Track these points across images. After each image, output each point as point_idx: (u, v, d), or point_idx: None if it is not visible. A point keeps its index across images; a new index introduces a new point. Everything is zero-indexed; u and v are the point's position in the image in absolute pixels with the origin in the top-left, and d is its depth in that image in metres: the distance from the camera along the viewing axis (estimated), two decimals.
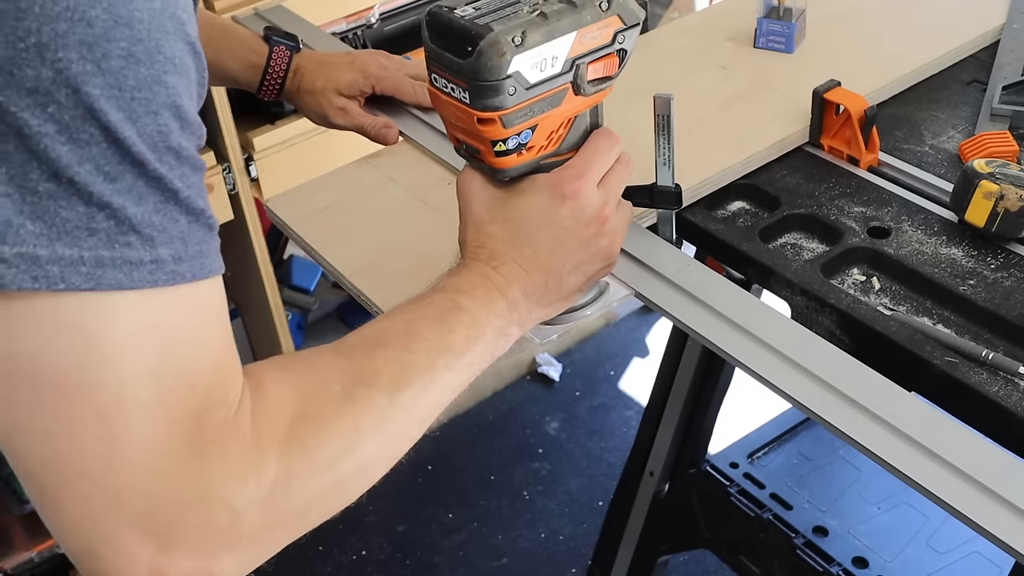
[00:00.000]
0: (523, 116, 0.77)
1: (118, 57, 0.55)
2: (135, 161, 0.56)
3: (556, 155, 0.83)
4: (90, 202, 0.55)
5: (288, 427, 0.63)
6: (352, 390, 0.68)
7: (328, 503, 0.66)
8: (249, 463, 0.61)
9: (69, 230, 0.55)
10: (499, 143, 0.78)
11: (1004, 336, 0.90)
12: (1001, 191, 0.95)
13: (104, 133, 0.55)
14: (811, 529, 1.66)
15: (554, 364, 2.75)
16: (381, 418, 0.69)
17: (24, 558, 2.10)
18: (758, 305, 0.90)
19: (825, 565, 1.61)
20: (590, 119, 0.85)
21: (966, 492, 0.74)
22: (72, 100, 0.54)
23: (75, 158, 0.55)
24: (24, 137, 0.54)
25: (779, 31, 1.28)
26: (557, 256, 0.82)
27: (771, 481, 1.75)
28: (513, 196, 0.82)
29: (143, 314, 0.57)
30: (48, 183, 0.54)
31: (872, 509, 1.73)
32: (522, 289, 0.80)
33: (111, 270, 0.56)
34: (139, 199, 0.56)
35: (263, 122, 2.05)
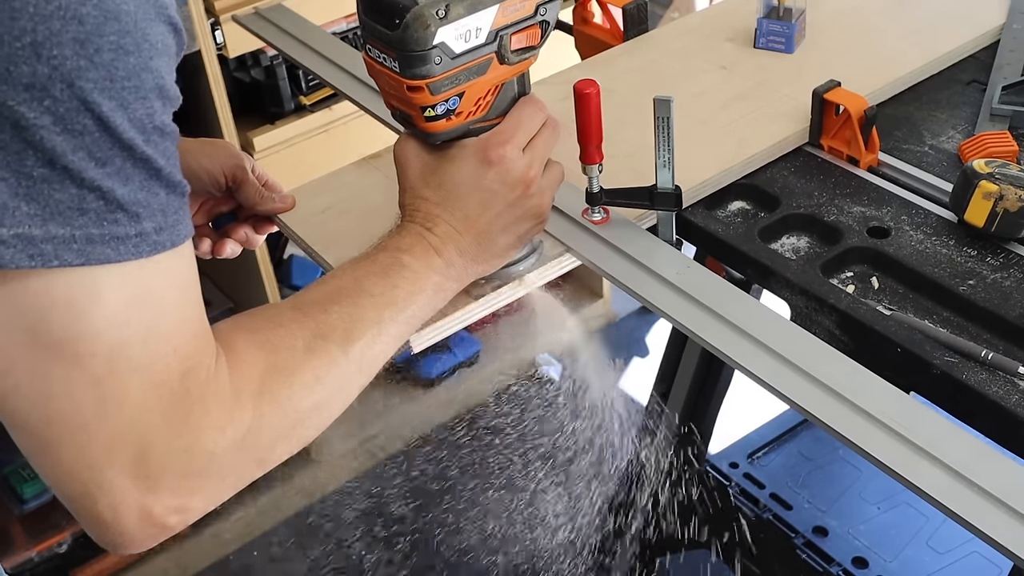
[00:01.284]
0: (450, 84, 0.83)
1: (109, 50, 0.59)
2: (124, 145, 0.61)
3: (485, 120, 0.87)
4: (82, 185, 0.60)
5: (260, 381, 0.71)
6: (311, 343, 0.75)
7: (288, 447, 0.75)
8: (228, 415, 0.69)
9: (61, 211, 0.60)
10: (428, 109, 0.83)
11: (1003, 336, 0.90)
12: (1001, 191, 0.95)
13: (97, 123, 0.59)
14: (811, 529, 1.67)
15: (554, 364, 2.75)
16: (337, 368, 0.76)
17: (24, 558, 2.10)
18: (758, 307, 0.90)
19: (825, 565, 1.61)
20: (517, 87, 0.89)
21: (964, 495, 0.73)
22: (67, 94, 0.58)
23: (69, 147, 0.59)
24: (21, 128, 0.58)
25: (779, 31, 1.28)
26: (486, 217, 0.87)
27: (771, 481, 1.75)
28: (444, 162, 0.87)
29: (129, 286, 0.63)
30: (43, 169, 0.59)
31: (872, 509, 1.73)
32: (456, 248, 0.86)
33: (100, 246, 0.61)
34: (126, 179, 0.62)
35: (263, 122, 2.06)
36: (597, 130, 0.95)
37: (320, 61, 1.36)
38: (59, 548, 2.14)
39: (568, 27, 1.45)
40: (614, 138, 1.00)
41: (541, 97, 1.27)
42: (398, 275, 0.82)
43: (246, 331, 0.73)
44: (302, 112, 2.08)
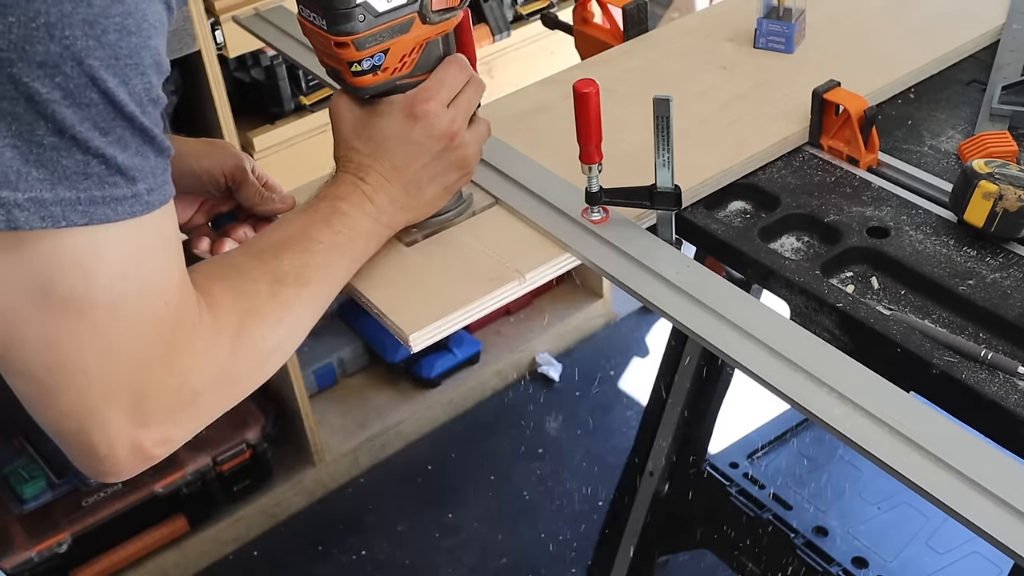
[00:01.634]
0: (374, 41, 0.88)
1: (114, 31, 0.65)
2: (126, 117, 0.67)
3: (411, 77, 0.93)
4: (87, 152, 0.66)
5: (236, 324, 0.79)
6: (273, 288, 0.83)
7: (258, 379, 0.83)
8: (211, 356, 0.77)
9: (68, 176, 0.66)
10: (355, 64, 0.89)
11: (1003, 336, 0.90)
12: (1000, 191, 0.95)
13: (102, 96, 0.66)
14: (811, 529, 1.66)
15: (554, 364, 2.75)
16: (294, 309, 0.85)
17: (24, 558, 2.10)
18: (757, 306, 0.90)
19: (825, 565, 1.61)
20: (442, 47, 0.95)
21: (964, 494, 0.74)
22: (77, 71, 0.64)
23: (77, 118, 0.65)
24: (34, 102, 0.64)
25: (779, 31, 1.28)
26: (413, 168, 0.94)
27: (771, 481, 1.75)
28: (374, 116, 0.94)
29: (127, 244, 0.70)
30: (52, 138, 0.65)
31: (872, 509, 1.73)
32: (387, 196, 0.93)
33: (101, 207, 0.67)
34: (125, 147, 0.68)
35: (263, 122, 2.06)
36: (596, 130, 0.95)
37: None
38: (59, 548, 2.14)
39: (568, 27, 1.45)
40: (614, 138, 1.00)
41: (541, 98, 1.28)
42: (339, 222, 0.90)
43: (218, 279, 0.81)
44: (302, 112, 2.08)
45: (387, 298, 0.96)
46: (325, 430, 2.50)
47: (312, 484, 2.47)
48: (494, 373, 2.71)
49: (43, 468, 2.19)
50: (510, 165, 1.10)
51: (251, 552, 2.39)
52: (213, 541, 2.36)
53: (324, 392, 2.62)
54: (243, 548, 2.39)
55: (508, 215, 1.05)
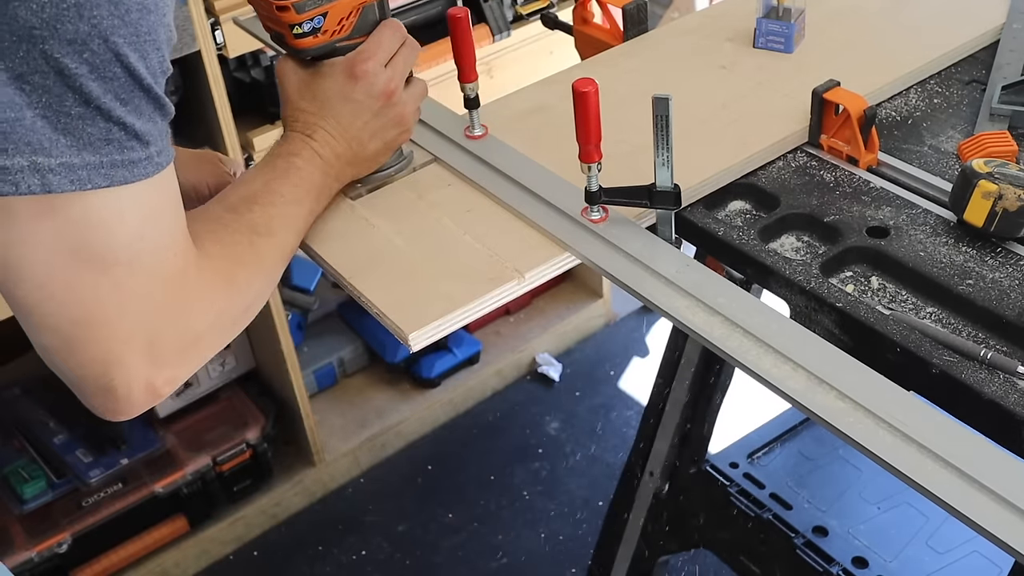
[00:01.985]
0: (313, 4, 0.95)
1: (136, 10, 0.72)
2: (143, 88, 0.74)
3: (349, 39, 1.00)
4: (109, 120, 0.73)
5: (227, 272, 0.88)
6: (251, 239, 0.91)
7: (244, 322, 0.92)
8: (211, 301, 0.86)
9: (92, 142, 0.73)
10: (296, 27, 0.96)
11: (1003, 335, 0.90)
12: (1000, 191, 0.95)
13: (124, 71, 0.73)
14: (811, 529, 1.66)
15: (554, 364, 2.76)
16: (268, 257, 0.93)
17: (24, 558, 2.10)
18: (757, 305, 0.90)
19: (825, 565, 1.61)
20: (378, 12, 1.02)
21: (965, 491, 0.74)
22: (103, 48, 0.71)
23: (102, 91, 0.72)
24: (63, 76, 0.70)
25: (778, 31, 1.28)
26: (356, 125, 1.01)
27: (771, 481, 1.75)
28: (317, 78, 1.01)
29: (143, 203, 0.77)
30: (79, 108, 0.72)
31: (872, 509, 1.73)
32: (332, 152, 1.01)
33: (121, 170, 0.74)
34: (140, 114, 0.75)
35: (263, 122, 2.06)
36: (596, 129, 0.95)
37: None
38: (59, 548, 2.14)
39: (568, 27, 1.45)
40: (613, 137, 1.00)
41: (541, 98, 1.28)
42: (296, 175, 0.97)
43: (207, 232, 0.88)
44: None
45: (387, 297, 0.96)
46: (325, 430, 2.50)
47: (312, 484, 2.47)
48: (494, 373, 2.71)
49: (43, 468, 2.19)
50: (510, 165, 1.10)
51: (251, 552, 2.39)
52: (213, 541, 2.36)
53: (324, 392, 2.62)
54: (243, 548, 2.39)
55: (508, 214, 1.05)
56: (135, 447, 2.25)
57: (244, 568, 2.36)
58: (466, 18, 1.09)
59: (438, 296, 0.95)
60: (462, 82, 1.13)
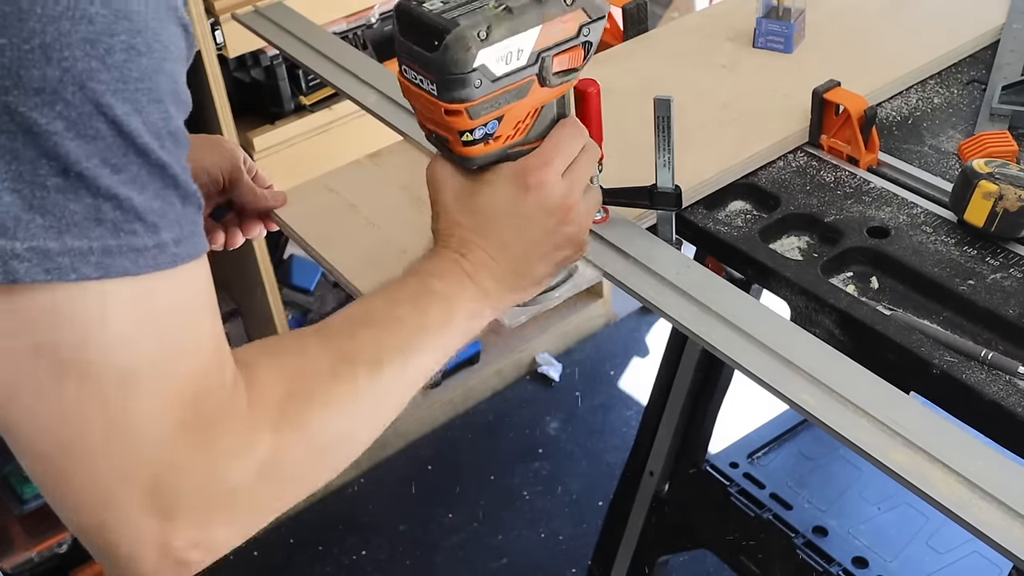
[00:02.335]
0: (489, 107, 0.79)
1: (120, 51, 0.56)
2: (140, 151, 0.58)
3: (524, 144, 0.84)
4: (97, 194, 0.57)
5: (279, 406, 0.67)
6: (337, 367, 0.71)
7: (315, 477, 0.71)
8: (245, 442, 0.65)
9: (77, 222, 0.57)
10: (466, 133, 0.80)
11: (1003, 336, 0.90)
12: (1000, 191, 0.95)
13: (111, 126, 0.57)
14: (811, 529, 1.66)
15: (554, 364, 2.75)
16: (363, 395, 0.72)
17: (24, 558, 2.10)
18: (758, 307, 0.90)
19: (825, 565, 1.61)
20: (557, 109, 0.86)
21: (965, 496, 0.74)
22: (79, 97, 0.56)
23: (83, 153, 0.56)
24: (33, 135, 0.55)
25: (778, 31, 1.28)
26: (523, 244, 0.84)
27: (771, 481, 1.75)
28: (480, 186, 0.84)
29: (144, 301, 0.60)
30: (57, 178, 0.56)
31: (872, 509, 1.73)
32: (491, 275, 0.83)
33: (118, 258, 0.58)
34: (142, 187, 0.59)
35: (263, 122, 2.06)
36: (597, 129, 0.95)
37: (320, 60, 1.36)
38: (59, 548, 2.14)
39: None
40: (614, 137, 1.00)
41: None
42: (428, 301, 0.79)
43: (268, 355, 0.70)
44: (302, 112, 2.08)
45: None
46: None
47: None
48: (494, 373, 2.71)
49: None
50: None
51: (251, 552, 2.39)
52: None
53: None
54: (243, 548, 2.38)
55: None
56: None
57: (244, 568, 2.36)
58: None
59: None
60: None
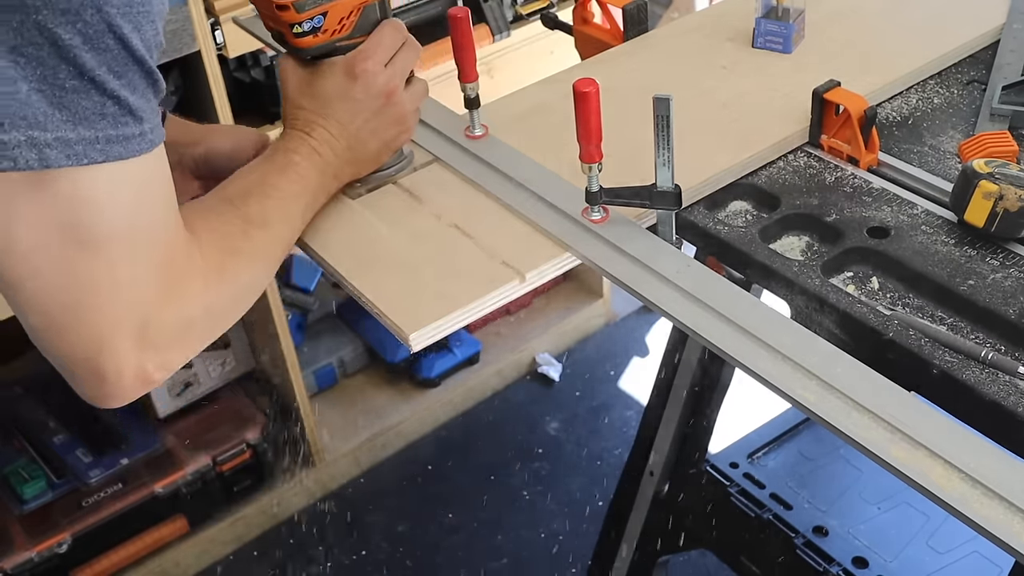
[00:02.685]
0: (313, 3, 0.95)
1: None
2: (137, 61, 0.73)
3: (350, 39, 1.00)
4: (104, 93, 0.72)
5: (219, 258, 0.87)
6: (246, 229, 0.91)
7: (237, 312, 0.91)
8: (203, 287, 0.84)
9: (87, 116, 0.72)
10: (296, 26, 0.96)
11: (1004, 336, 0.90)
12: (1000, 191, 0.95)
13: (118, 42, 0.72)
14: (811, 529, 1.66)
15: (554, 364, 2.75)
16: (263, 248, 0.93)
17: (24, 558, 2.10)
18: (758, 305, 0.90)
19: (825, 565, 1.61)
20: (379, 12, 1.01)
21: (966, 492, 0.74)
22: (96, 18, 0.70)
23: (96, 62, 0.71)
24: (57, 47, 0.69)
25: (777, 31, 1.28)
26: (355, 123, 1.01)
27: (771, 481, 1.75)
28: (317, 77, 1.01)
29: (136, 180, 0.76)
30: (73, 80, 0.71)
31: (872, 509, 1.73)
32: (331, 150, 1.00)
33: (116, 145, 0.73)
34: (134, 89, 0.74)
35: (263, 122, 2.06)
36: (597, 129, 0.95)
37: None
38: (59, 548, 2.14)
39: (568, 27, 1.45)
40: (614, 137, 1.00)
41: (541, 98, 1.27)
42: (293, 171, 0.97)
43: (200, 219, 0.87)
44: None
45: (387, 298, 0.96)
46: (325, 430, 2.50)
47: (312, 484, 2.47)
48: (494, 373, 2.71)
49: (43, 468, 2.19)
50: (510, 164, 1.10)
51: (251, 552, 2.39)
52: (213, 541, 2.36)
53: (324, 392, 2.62)
54: (243, 548, 2.39)
55: (508, 214, 1.05)
56: (135, 447, 2.25)
57: (244, 568, 2.36)
58: (466, 18, 1.09)
59: (438, 296, 0.95)
60: (462, 82, 1.13)
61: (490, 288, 0.96)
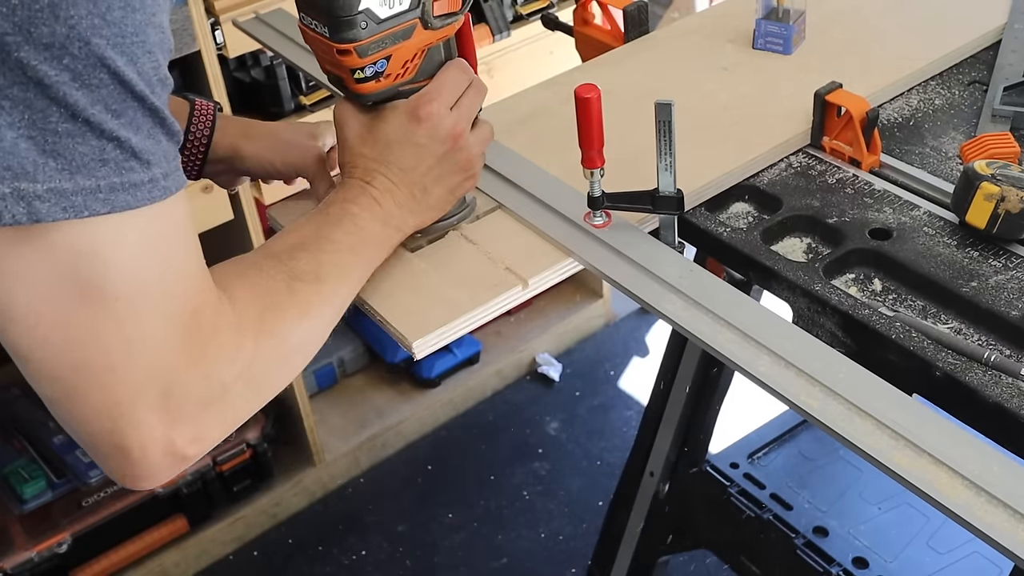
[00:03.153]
0: (376, 47, 0.89)
1: (119, 8, 0.64)
2: (136, 96, 0.66)
3: (413, 83, 0.94)
4: (101, 136, 0.65)
5: (258, 316, 0.79)
6: (291, 285, 0.82)
7: (283, 377, 0.83)
8: (236, 347, 0.76)
9: (86, 163, 0.65)
10: (357, 71, 0.89)
11: (1006, 338, 0.90)
12: (1002, 193, 0.95)
13: (112, 77, 0.65)
14: (811, 529, 1.66)
15: (554, 364, 2.75)
16: (314, 307, 0.84)
17: (24, 558, 2.10)
18: (760, 311, 0.90)
19: (825, 565, 1.61)
20: (444, 52, 0.96)
21: (970, 499, 0.74)
22: (84, 51, 0.63)
23: (88, 100, 0.64)
24: (44, 87, 0.63)
25: (777, 32, 1.28)
26: (419, 171, 0.94)
27: (771, 481, 1.75)
28: (378, 121, 0.94)
29: (145, 231, 0.69)
30: (66, 124, 0.64)
31: (872, 509, 1.73)
32: (393, 199, 0.94)
33: (121, 194, 0.66)
34: (138, 129, 0.67)
35: None
36: (599, 135, 0.95)
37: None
38: (59, 548, 2.14)
39: (568, 28, 1.45)
40: (615, 141, 1.00)
41: (542, 100, 1.27)
42: (351, 223, 0.90)
43: (236, 276, 0.80)
44: (302, 112, 2.08)
45: (390, 304, 0.95)
46: (325, 430, 2.50)
47: (312, 484, 2.47)
48: (494, 373, 2.71)
49: (43, 468, 2.19)
50: (511, 169, 1.10)
51: (251, 552, 2.39)
52: (213, 541, 2.36)
53: (324, 392, 2.62)
54: (243, 548, 2.39)
55: (511, 220, 1.05)
56: None
57: (244, 568, 2.36)
58: (467, 22, 1.09)
59: (441, 302, 0.95)
60: None
61: (493, 294, 0.96)
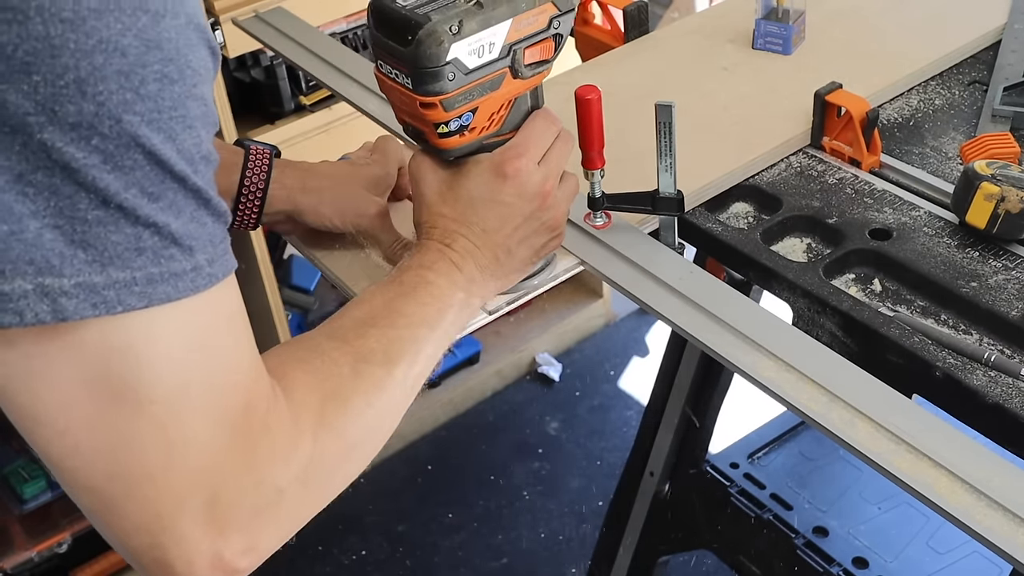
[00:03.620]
0: (463, 100, 0.82)
1: (154, 81, 0.57)
2: (176, 177, 0.59)
3: (499, 135, 0.87)
4: (137, 223, 0.58)
5: (317, 409, 0.70)
6: (356, 368, 0.74)
7: (347, 474, 0.73)
8: (292, 446, 0.67)
9: (119, 253, 0.57)
10: (441, 125, 0.82)
11: (1006, 338, 0.90)
12: (1002, 193, 0.95)
13: (147, 157, 0.57)
14: (811, 529, 1.66)
15: (554, 364, 2.75)
16: (383, 391, 0.75)
17: (24, 558, 2.10)
18: (761, 313, 0.90)
19: (825, 565, 1.61)
20: (531, 101, 0.88)
21: (971, 503, 0.74)
22: (115, 130, 0.56)
23: (121, 184, 0.57)
24: (71, 171, 0.55)
25: (776, 32, 1.28)
26: (504, 231, 0.87)
27: (771, 481, 1.75)
28: (459, 177, 0.87)
29: (187, 324, 0.61)
30: (97, 211, 0.56)
31: (872, 509, 1.73)
32: (475, 263, 0.86)
33: (160, 285, 0.59)
34: (179, 212, 0.59)
35: (263, 122, 2.06)
36: (599, 136, 0.95)
37: (320, 64, 1.36)
38: (59, 548, 2.14)
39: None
40: (616, 142, 1.00)
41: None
42: (426, 293, 0.82)
43: (294, 361, 0.72)
44: (302, 112, 2.08)
45: None
46: None
47: None
48: (494, 373, 2.71)
49: (43, 468, 2.19)
50: None
51: None
52: None
53: None
54: None
55: None
56: None
57: None
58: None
59: None
60: None
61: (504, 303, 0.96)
